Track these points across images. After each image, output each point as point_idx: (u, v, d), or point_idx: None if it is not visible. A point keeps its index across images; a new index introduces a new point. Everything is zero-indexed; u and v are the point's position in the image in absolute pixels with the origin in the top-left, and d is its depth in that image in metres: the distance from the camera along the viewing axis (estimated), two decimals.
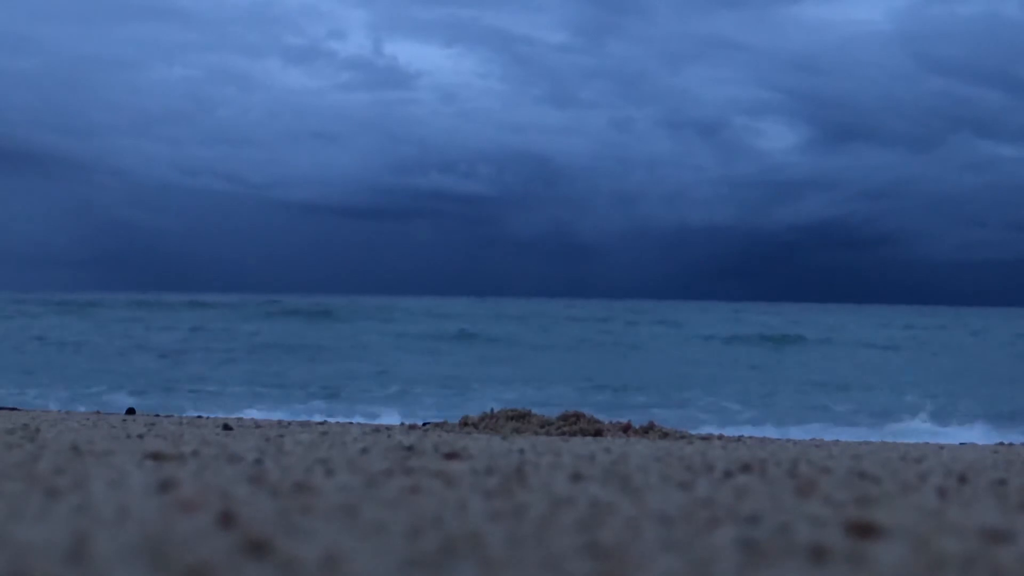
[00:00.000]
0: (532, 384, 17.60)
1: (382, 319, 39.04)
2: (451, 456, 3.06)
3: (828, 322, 44.65)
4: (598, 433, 5.76)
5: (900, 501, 2.13)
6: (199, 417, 7.36)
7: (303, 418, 9.11)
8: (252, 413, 10.13)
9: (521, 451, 3.52)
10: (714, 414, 13.25)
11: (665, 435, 5.84)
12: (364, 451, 3.28)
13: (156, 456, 2.87)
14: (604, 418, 6.15)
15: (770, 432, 9.29)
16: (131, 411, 7.87)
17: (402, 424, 6.73)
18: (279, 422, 6.76)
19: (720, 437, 6.16)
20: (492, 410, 6.22)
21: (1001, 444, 6.63)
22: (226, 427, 5.45)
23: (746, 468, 2.83)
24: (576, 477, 2.47)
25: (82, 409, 9.94)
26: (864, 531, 1.65)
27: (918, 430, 11.10)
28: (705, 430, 7.99)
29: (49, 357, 21.55)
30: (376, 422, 7.92)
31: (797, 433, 9.09)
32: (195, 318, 36.46)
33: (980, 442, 7.27)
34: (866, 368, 22.97)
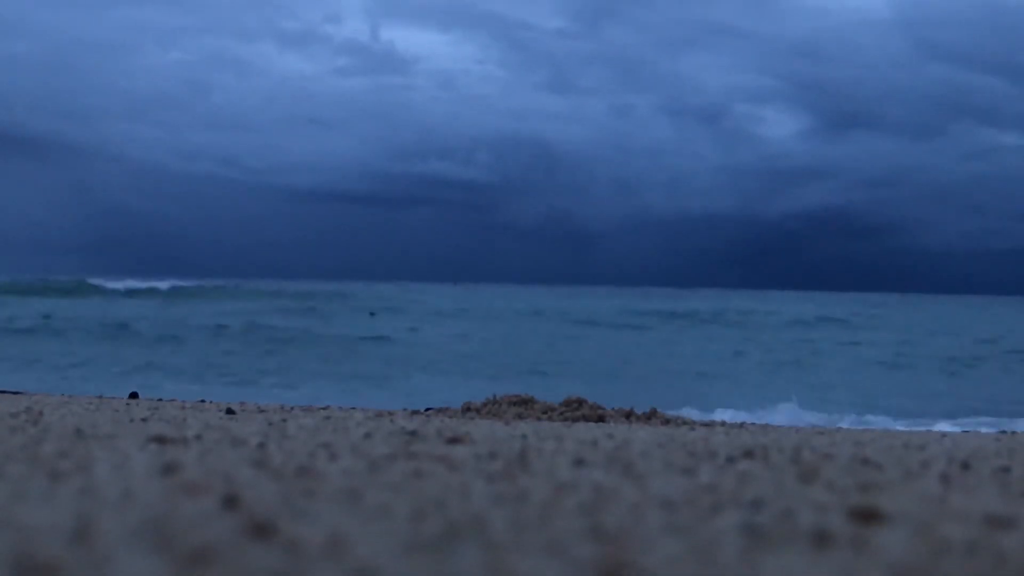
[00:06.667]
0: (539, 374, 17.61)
1: (382, 306, 39.07)
2: (454, 441, 3.06)
3: None
4: (600, 419, 5.77)
5: (903, 487, 2.13)
6: (202, 401, 7.38)
7: (306, 403, 9.12)
8: (255, 398, 10.15)
9: (524, 436, 3.52)
10: None
11: (667, 421, 5.85)
12: (367, 436, 3.29)
13: (159, 440, 2.88)
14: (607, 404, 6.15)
15: None
16: (134, 395, 7.88)
17: (405, 409, 6.74)
18: (282, 407, 6.77)
19: (723, 424, 6.17)
20: (495, 396, 6.23)
21: (1003, 432, 6.63)
22: (229, 411, 5.46)
23: (749, 454, 2.84)
24: (579, 462, 2.48)
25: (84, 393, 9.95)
26: (867, 517, 1.65)
27: None
28: None
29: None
30: (379, 407, 7.93)
31: None
32: (194, 306, 36.49)
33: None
34: None
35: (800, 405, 12.16)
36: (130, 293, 44.11)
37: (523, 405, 6.02)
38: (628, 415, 5.95)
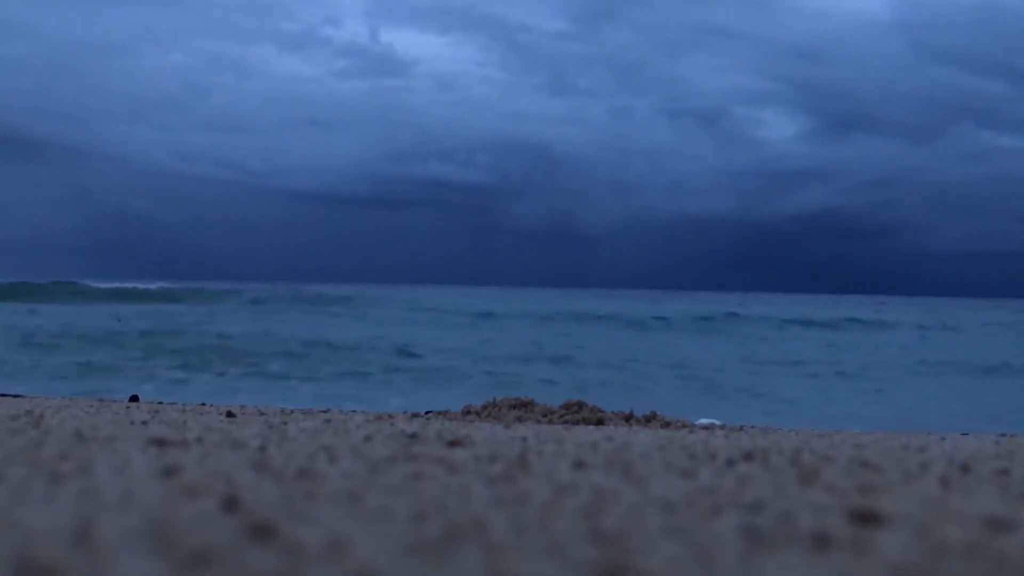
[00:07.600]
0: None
1: (383, 307, 39.10)
2: (454, 443, 3.07)
3: None
4: (600, 422, 5.77)
5: (903, 489, 2.13)
6: (202, 404, 7.38)
7: (306, 406, 9.13)
8: (255, 401, 10.16)
9: (524, 439, 3.53)
10: None
11: (667, 424, 5.85)
12: (367, 438, 3.29)
13: (160, 442, 2.88)
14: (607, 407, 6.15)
15: None
16: (134, 398, 7.88)
17: (405, 412, 6.74)
18: (282, 410, 6.77)
19: (722, 426, 6.17)
20: (495, 399, 6.23)
21: (1003, 435, 6.63)
22: (229, 414, 5.47)
23: (748, 456, 2.84)
24: (579, 465, 2.48)
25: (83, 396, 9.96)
26: (867, 519, 1.65)
27: None
28: None
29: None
30: (379, 410, 7.93)
31: None
32: (194, 309, 36.50)
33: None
34: None
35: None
36: (129, 295, 44.14)
37: (523, 408, 6.03)
38: (628, 418, 5.95)
